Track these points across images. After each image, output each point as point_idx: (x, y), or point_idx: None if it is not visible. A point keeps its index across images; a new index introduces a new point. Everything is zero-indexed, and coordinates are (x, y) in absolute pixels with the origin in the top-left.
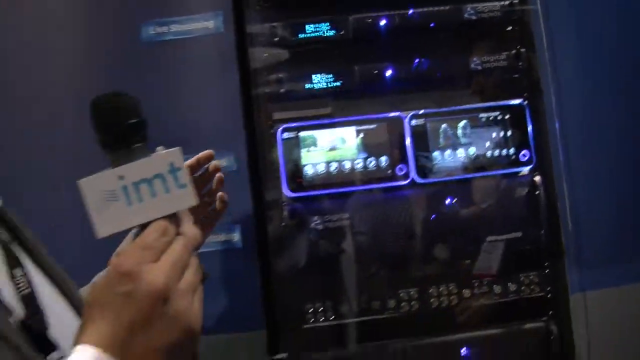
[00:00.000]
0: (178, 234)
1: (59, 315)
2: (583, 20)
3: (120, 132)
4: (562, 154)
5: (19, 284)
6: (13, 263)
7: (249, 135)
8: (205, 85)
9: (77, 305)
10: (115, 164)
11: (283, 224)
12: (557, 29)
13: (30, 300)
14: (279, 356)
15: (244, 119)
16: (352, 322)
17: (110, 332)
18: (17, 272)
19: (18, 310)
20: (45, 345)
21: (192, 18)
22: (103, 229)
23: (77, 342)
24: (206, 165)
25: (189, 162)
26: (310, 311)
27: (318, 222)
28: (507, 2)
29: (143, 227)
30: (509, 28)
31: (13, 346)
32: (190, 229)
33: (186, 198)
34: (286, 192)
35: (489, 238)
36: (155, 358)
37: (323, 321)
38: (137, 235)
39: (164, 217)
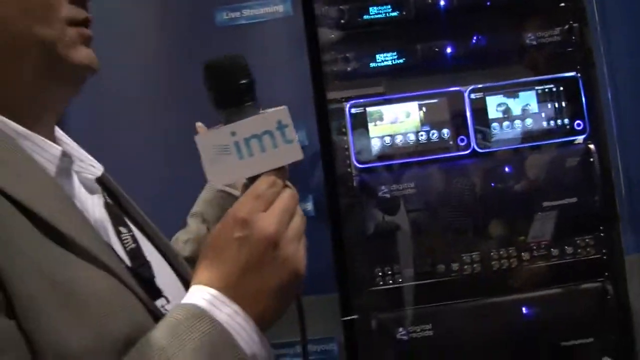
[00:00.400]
0: (284, 186)
1: (158, 267)
2: None
3: (233, 91)
4: (615, 123)
5: (125, 240)
6: (117, 222)
7: (319, 112)
8: (277, 65)
9: (171, 261)
10: (227, 121)
11: (352, 193)
12: (608, 2)
13: (136, 253)
14: (350, 317)
15: (314, 97)
16: (418, 284)
17: (225, 273)
18: (123, 229)
19: (126, 262)
20: (153, 291)
21: (263, 3)
22: (216, 179)
23: (194, 281)
24: None
25: None
26: (379, 275)
27: (385, 191)
28: None
29: (252, 179)
30: (562, 4)
31: (131, 290)
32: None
33: (293, 152)
34: (355, 163)
35: (546, 204)
36: (265, 298)
37: (391, 284)
38: (246, 187)
39: (272, 170)
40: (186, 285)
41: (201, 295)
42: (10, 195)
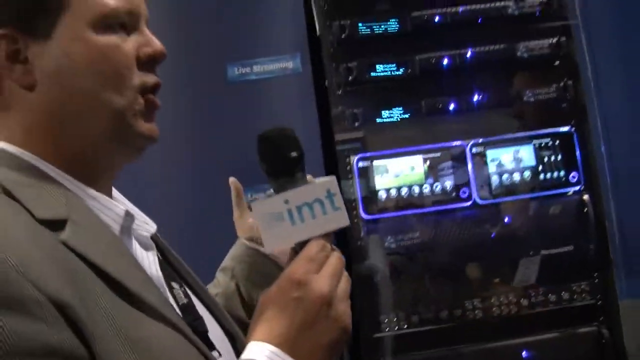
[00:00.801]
0: (332, 249)
1: (207, 322)
2: (626, 51)
3: (285, 163)
4: (608, 174)
5: (177, 295)
6: (170, 277)
7: (328, 165)
8: (287, 119)
9: (217, 316)
10: (278, 189)
11: (360, 242)
12: (602, 61)
13: (189, 308)
14: None
15: (322, 150)
16: (423, 330)
17: (284, 330)
18: (175, 284)
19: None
20: (208, 345)
21: (273, 59)
22: (270, 244)
23: (251, 338)
24: None
25: None
26: (385, 321)
27: (391, 240)
28: (554, 40)
29: (301, 243)
30: (557, 62)
31: (194, 345)
32: None
33: (340, 219)
34: (363, 214)
35: (543, 252)
36: (320, 353)
37: (397, 330)
38: (294, 250)
39: (321, 235)
40: (231, 338)
41: (261, 351)
42: (85, 257)
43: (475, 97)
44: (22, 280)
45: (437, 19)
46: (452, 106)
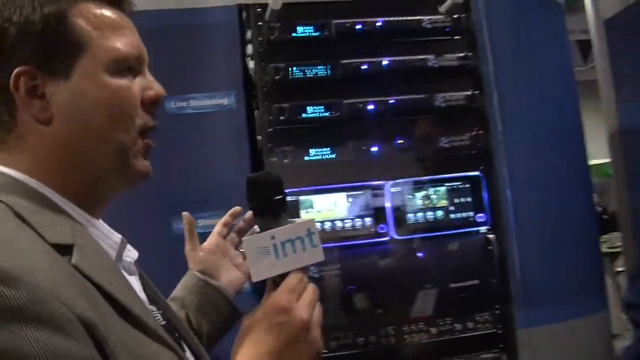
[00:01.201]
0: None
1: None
2: (532, 108)
3: (271, 204)
4: (512, 216)
5: (156, 317)
6: (150, 300)
7: None
8: (221, 153)
9: (186, 337)
10: (264, 226)
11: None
12: (510, 113)
13: (169, 329)
14: None
15: None
16: (341, 355)
17: (270, 349)
18: (153, 307)
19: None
20: None
21: (210, 95)
22: (257, 275)
23: (238, 357)
24: (241, 218)
25: (223, 219)
26: None
27: (314, 270)
28: (469, 93)
29: (282, 275)
30: (470, 113)
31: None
32: None
33: (317, 255)
34: None
35: (452, 285)
36: None
37: None
38: (274, 281)
39: (300, 268)
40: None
41: None
42: (92, 279)
43: (397, 142)
44: (55, 301)
45: (364, 67)
46: (374, 148)
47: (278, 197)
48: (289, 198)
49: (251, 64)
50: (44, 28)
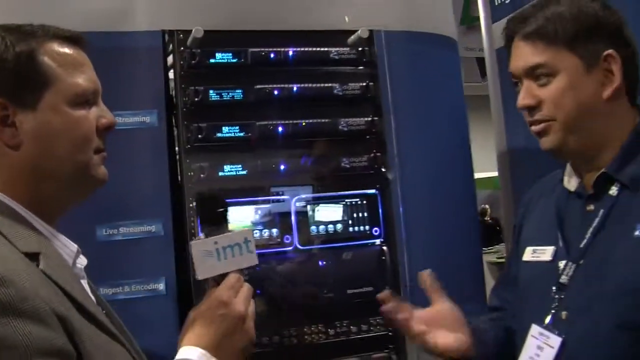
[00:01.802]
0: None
1: None
2: (425, 133)
3: (214, 215)
4: (403, 230)
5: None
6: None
7: (174, 208)
8: (143, 166)
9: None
10: (208, 233)
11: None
12: (404, 138)
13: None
14: None
15: (170, 195)
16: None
17: (211, 338)
18: (99, 307)
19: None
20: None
21: (133, 113)
22: (201, 274)
23: (183, 344)
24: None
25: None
26: None
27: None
28: (369, 119)
29: (222, 275)
30: (368, 136)
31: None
32: None
33: (252, 259)
34: None
35: (349, 291)
36: (234, 355)
37: None
38: (214, 279)
39: (238, 270)
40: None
41: (194, 352)
42: (57, 283)
43: (303, 162)
44: (37, 298)
45: (276, 92)
46: (282, 166)
47: (220, 210)
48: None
49: (173, 86)
50: (15, 65)
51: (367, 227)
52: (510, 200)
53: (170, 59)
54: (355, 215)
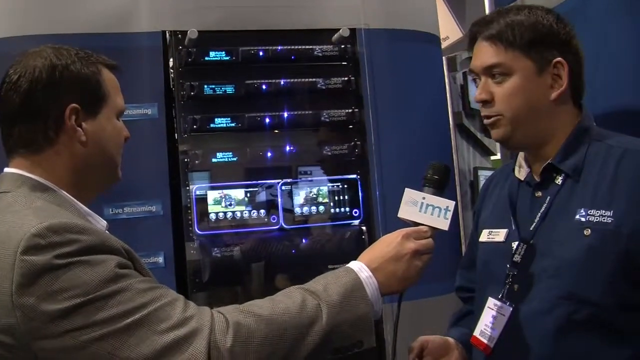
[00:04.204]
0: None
1: None
2: (403, 123)
3: (435, 181)
4: (380, 212)
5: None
6: None
7: (173, 190)
8: (145, 153)
9: None
10: (426, 191)
11: (194, 252)
12: (383, 127)
13: None
14: None
15: (169, 179)
16: None
17: (376, 256)
18: None
19: None
20: None
21: (136, 106)
22: (401, 213)
23: (365, 254)
24: None
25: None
26: None
27: (217, 251)
28: (350, 110)
29: (416, 224)
30: (350, 126)
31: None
32: None
33: (444, 224)
34: (197, 230)
35: (330, 266)
36: (390, 278)
37: None
38: (414, 223)
39: (429, 226)
40: None
41: (357, 264)
42: (118, 246)
43: (288, 148)
44: (110, 239)
45: (264, 87)
46: (269, 154)
47: (441, 179)
48: (201, 192)
49: (171, 81)
50: (89, 81)
51: (347, 209)
52: None
53: (169, 57)
54: (336, 198)
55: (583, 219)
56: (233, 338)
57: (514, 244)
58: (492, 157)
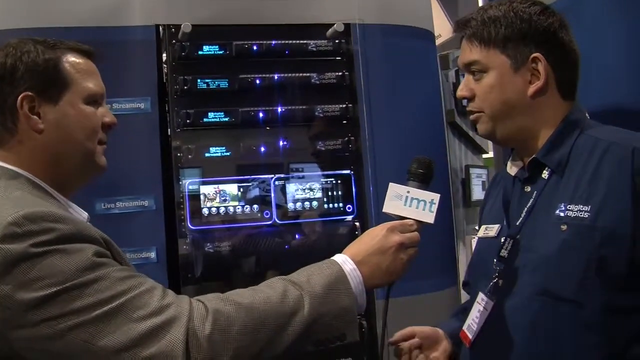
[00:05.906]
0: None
1: None
2: (396, 119)
3: (419, 175)
4: (373, 208)
5: None
6: None
7: (166, 185)
8: (138, 147)
9: None
10: (410, 184)
11: (185, 247)
12: (377, 123)
13: None
14: None
15: (162, 173)
16: None
17: (361, 249)
18: None
19: None
20: None
21: (129, 100)
22: (385, 208)
23: (349, 248)
24: None
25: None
26: None
27: (210, 246)
28: (344, 105)
29: (402, 218)
30: (344, 122)
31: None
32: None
33: (430, 218)
34: (189, 225)
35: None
36: (375, 272)
37: None
38: (398, 216)
39: (414, 219)
40: None
41: (341, 257)
42: (96, 236)
43: (282, 143)
44: (89, 229)
45: (258, 81)
46: (263, 149)
47: (425, 173)
48: (193, 187)
49: (165, 75)
50: (44, 68)
51: (341, 204)
52: None
53: (162, 51)
54: (330, 193)
55: (562, 214)
56: (212, 325)
57: (503, 239)
58: (484, 155)
